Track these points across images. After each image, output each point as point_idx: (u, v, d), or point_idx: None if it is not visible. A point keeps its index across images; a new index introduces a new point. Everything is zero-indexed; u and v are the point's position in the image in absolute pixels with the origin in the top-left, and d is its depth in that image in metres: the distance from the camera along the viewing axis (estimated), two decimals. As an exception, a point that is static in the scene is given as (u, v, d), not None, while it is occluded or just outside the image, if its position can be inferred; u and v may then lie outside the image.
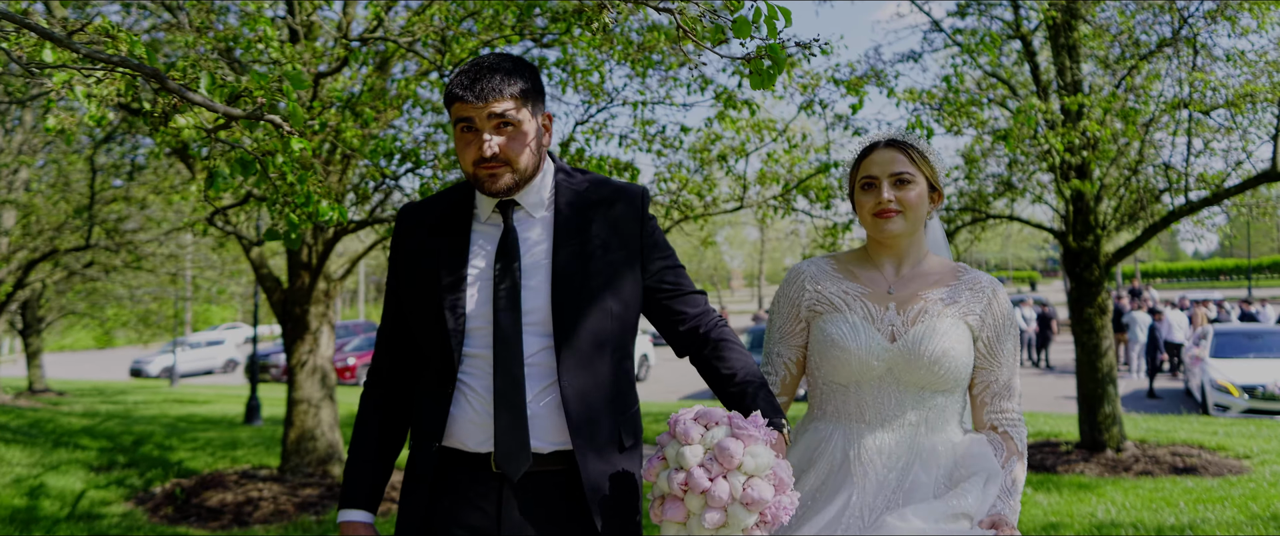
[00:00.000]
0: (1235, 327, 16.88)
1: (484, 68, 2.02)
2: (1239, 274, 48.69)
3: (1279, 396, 13.74)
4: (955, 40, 9.94)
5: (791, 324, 2.31)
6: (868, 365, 2.17)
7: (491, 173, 2.01)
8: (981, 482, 2.10)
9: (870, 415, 2.19)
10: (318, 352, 7.58)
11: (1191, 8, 9.07)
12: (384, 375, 2.19)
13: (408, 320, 2.14)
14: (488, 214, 2.12)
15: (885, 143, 2.27)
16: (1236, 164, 9.18)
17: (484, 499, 2.03)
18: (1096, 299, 9.12)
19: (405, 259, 2.15)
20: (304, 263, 7.42)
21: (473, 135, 2.02)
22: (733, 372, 2.10)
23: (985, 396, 2.25)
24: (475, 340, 2.04)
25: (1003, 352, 2.24)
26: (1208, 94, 8.62)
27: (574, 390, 2.02)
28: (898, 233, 2.23)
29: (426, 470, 2.04)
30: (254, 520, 6.36)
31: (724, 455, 1.82)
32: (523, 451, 1.99)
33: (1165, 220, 8.87)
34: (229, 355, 35.81)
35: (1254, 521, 6.14)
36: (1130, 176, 9.27)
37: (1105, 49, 9.32)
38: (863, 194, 2.26)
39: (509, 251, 2.06)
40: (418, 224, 2.17)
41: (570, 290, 2.04)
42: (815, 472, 2.18)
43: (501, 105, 1.99)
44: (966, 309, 2.22)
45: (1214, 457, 8.75)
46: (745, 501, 1.80)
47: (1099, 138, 8.08)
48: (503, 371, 2.00)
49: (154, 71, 2.08)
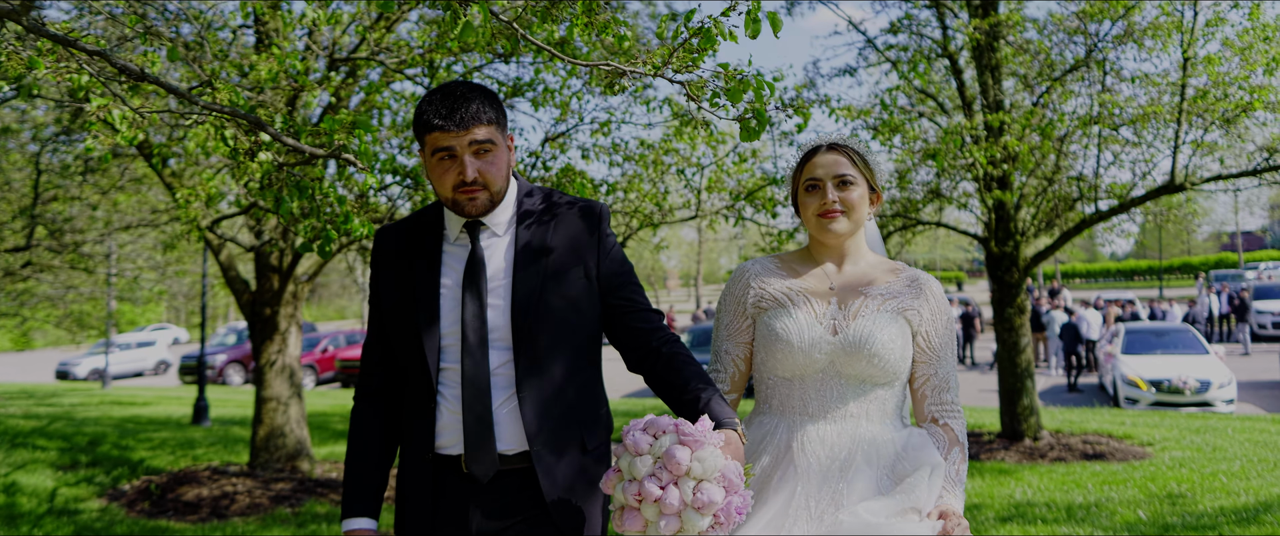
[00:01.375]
0: (1144, 326, 17.99)
1: (458, 96, 2.12)
2: (1152, 274, 51.05)
3: (1183, 390, 14.79)
4: (887, 57, 10.64)
5: (738, 320, 2.38)
6: (810, 359, 2.25)
7: (471, 196, 2.13)
8: (927, 475, 2.16)
9: (813, 407, 2.26)
10: (286, 352, 7.86)
11: (1101, 31, 9.88)
12: (374, 387, 2.30)
13: (389, 337, 2.26)
14: (456, 234, 2.24)
15: (827, 146, 2.35)
16: (1142, 175, 10.00)
17: (457, 497, 2.18)
18: (1016, 299, 9.85)
19: (384, 281, 2.27)
20: (273, 266, 7.70)
21: (451, 162, 2.12)
22: (685, 383, 2.19)
23: (925, 389, 2.33)
24: (449, 355, 2.18)
25: (941, 347, 2.33)
26: (1116, 112, 9.41)
27: (531, 398, 2.16)
28: (841, 232, 2.32)
29: (423, 481, 2.19)
30: (231, 513, 6.64)
31: (672, 462, 1.88)
32: (489, 455, 2.14)
33: (1078, 227, 9.64)
34: (160, 356, 35.04)
35: (1151, 500, 6.86)
36: (1047, 186, 10.02)
37: (1027, 67, 10.07)
38: (807, 195, 2.34)
39: (475, 272, 2.18)
40: (393, 246, 2.28)
41: (528, 307, 2.17)
42: (761, 465, 2.23)
43: (481, 132, 2.11)
44: (906, 304, 2.30)
45: (1121, 445, 9.55)
46: (696, 506, 1.87)
47: (1019, 152, 8.77)
48: (469, 383, 2.14)
49: (256, 119, 2.45)
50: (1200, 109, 9.01)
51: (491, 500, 2.16)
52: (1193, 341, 16.50)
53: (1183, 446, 9.41)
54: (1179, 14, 9.29)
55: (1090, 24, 9.84)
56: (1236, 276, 36.74)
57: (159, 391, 24.49)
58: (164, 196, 14.08)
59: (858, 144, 2.36)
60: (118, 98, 2.77)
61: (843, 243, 2.35)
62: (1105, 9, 9.57)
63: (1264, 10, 9.06)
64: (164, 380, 31.10)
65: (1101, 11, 9.62)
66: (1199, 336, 16.92)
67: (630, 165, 6.92)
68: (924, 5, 10.44)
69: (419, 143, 2.17)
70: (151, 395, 22.37)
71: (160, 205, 14.07)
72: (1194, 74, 9.10)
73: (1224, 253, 53.84)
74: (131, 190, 12.93)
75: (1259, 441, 9.68)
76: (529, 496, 2.16)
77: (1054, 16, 10.24)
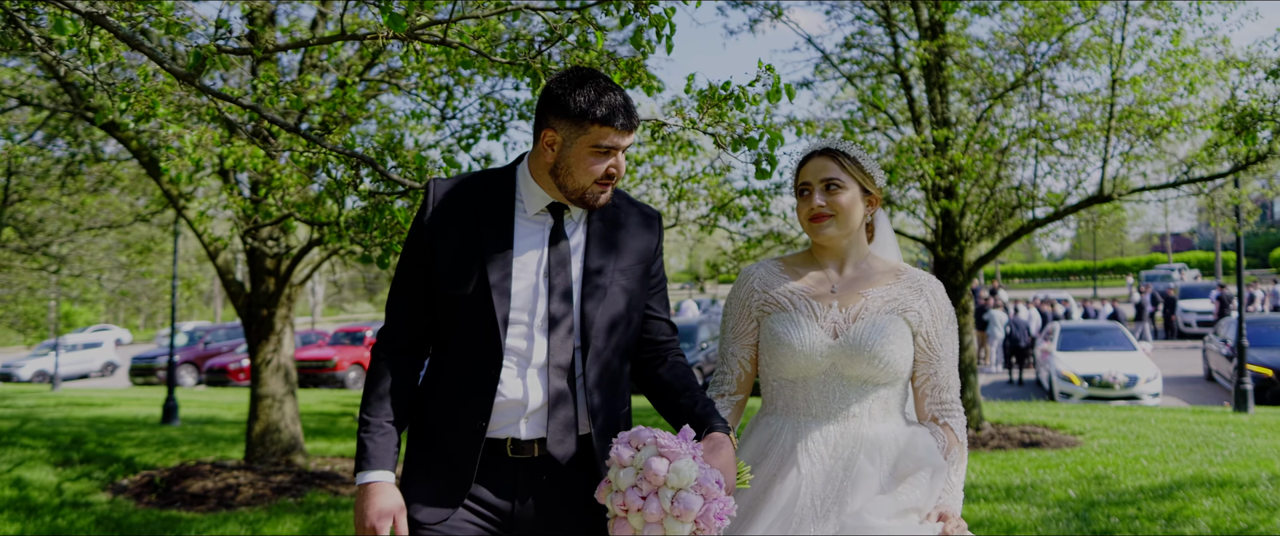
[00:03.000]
0: (1078, 324, 19.06)
1: (626, 98, 2.17)
2: (1087, 275, 53.02)
3: (1112, 384, 15.80)
4: (842, 71, 11.37)
5: (744, 323, 2.40)
6: (812, 361, 2.28)
7: (607, 190, 2.17)
8: (928, 476, 2.21)
9: (817, 409, 2.28)
10: (281, 351, 8.26)
11: (1039, 51, 10.69)
12: (400, 345, 2.22)
13: (437, 298, 2.18)
14: (536, 210, 2.21)
15: (820, 151, 2.39)
16: (1076, 185, 10.85)
17: (500, 480, 2.16)
18: (961, 300, 10.61)
19: (443, 238, 2.18)
20: (270, 269, 8.10)
21: (606, 156, 2.14)
22: (682, 388, 2.25)
23: (926, 388, 2.36)
24: (515, 330, 2.14)
25: (942, 347, 2.35)
26: (1052, 128, 10.22)
27: (594, 385, 2.19)
28: (832, 236, 2.34)
29: (468, 452, 2.13)
30: (237, 504, 7.05)
31: (650, 474, 1.95)
32: (571, 435, 2.15)
33: (1017, 233, 10.44)
34: (107, 358, 34.16)
35: (1080, 481, 7.62)
36: (989, 195, 10.81)
37: (971, 82, 10.84)
38: (800, 200, 2.39)
39: (561, 251, 2.19)
40: (453, 203, 2.22)
41: (598, 295, 2.19)
42: (767, 465, 2.26)
43: (634, 137, 2.20)
44: (906, 306, 2.33)
45: (1055, 434, 10.37)
46: (675, 514, 1.94)
47: (964, 165, 9.52)
48: (555, 364, 2.13)
49: (369, 160, 2.94)
50: (1127, 126, 9.84)
51: (543, 484, 2.17)
52: (1122, 339, 17.55)
53: (1110, 435, 10.25)
54: (1109, 37, 10.12)
55: (1029, 44, 10.65)
56: (1165, 276, 38.54)
57: (114, 393, 24.31)
58: (128, 198, 14.29)
59: (851, 148, 2.38)
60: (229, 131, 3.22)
61: (839, 245, 2.38)
62: (1043, 30, 10.37)
63: (1186, 35, 9.95)
64: (112, 382, 30.56)
65: (1040, 33, 10.41)
66: (1128, 334, 18.00)
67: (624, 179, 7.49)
68: (876, 23, 11.18)
69: (567, 126, 2.12)
70: (107, 396, 22.24)
71: (124, 206, 14.28)
72: (1122, 93, 9.94)
73: (1155, 253, 56.18)
74: (100, 192, 13.14)
75: (1178, 430, 10.58)
76: (581, 484, 2.19)
77: (996, 34, 11.05)
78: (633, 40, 2.75)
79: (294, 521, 6.46)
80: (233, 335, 32.23)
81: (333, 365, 24.44)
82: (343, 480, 7.85)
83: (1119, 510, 6.54)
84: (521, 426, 2.14)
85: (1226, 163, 9.17)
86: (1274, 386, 15.72)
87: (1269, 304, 27.22)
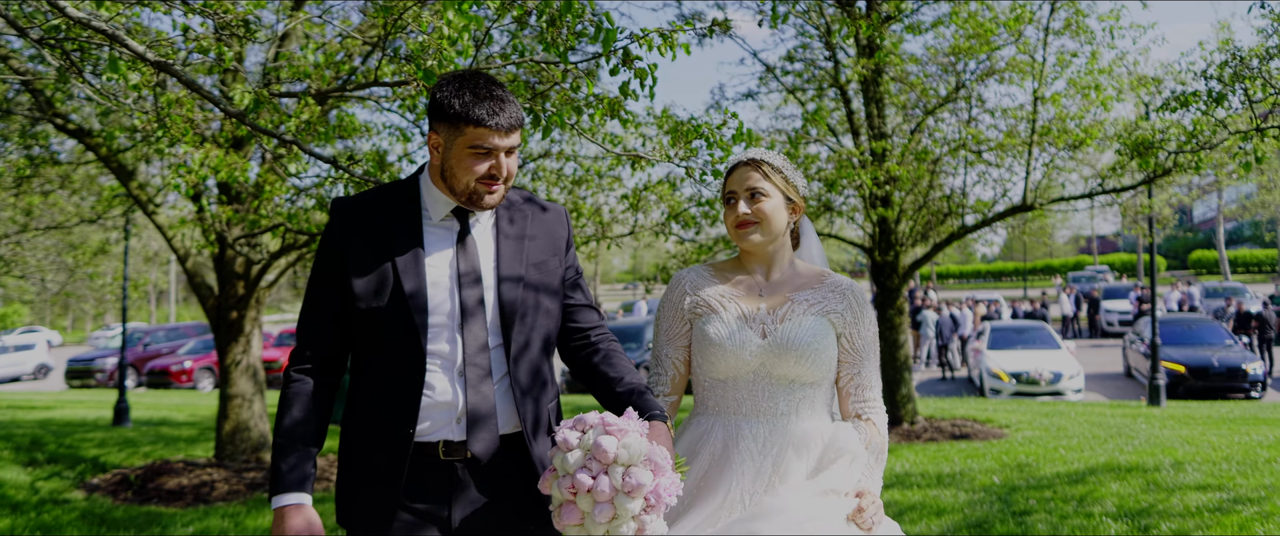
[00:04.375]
0: (1006, 324, 20.04)
1: (502, 98, 2.16)
2: (1017, 276, 54.91)
3: (1038, 381, 16.73)
4: (785, 85, 11.99)
5: (677, 325, 2.49)
6: (741, 360, 2.36)
7: (492, 190, 2.17)
8: (848, 462, 2.31)
9: (746, 407, 2.35)
10: (250, 352, 8.53)
11: (969, 68, 11.42)
12: (316, 365, 2.22)
13: (352, 313, 2.19)
14: (441, 216, 2.24)
15: (744, 161, 2.47)
16: (1002, 193, 11.61)
17: (435, 484, 2.17)
18: (896, 302, 11.28)
19: (353, 253, 2.19)
20: (239, 273, 8.37)
21: (485, 156, 2.15)
22: (619, 376, 2.28)
23: (850, 388, 2.45)
24: (436, 335, 2.16)
25: (864, 349, 2.45)
26: (980, 142, 10.95)
27: (521, 381, 2.22)
28: (757, 242, 2.43)
29: (398, 461, 2.14)
30: (214, 499, 7.32)
31: (599, 452, 1.95)
32: (492, 434, 2.18)
33: (949, 238, 11.15)
34: (40, 360, 33.15)
35: (1004, 468, 8.29)
36: (923, 203, 11.50)
37: (905, 93, 11.52)
38: (727, 207, 2.47)
39: (469, 253, 2.22)
40: (359, 219, 2.23)
41: (516, 293, 2.23)
42: (699, 462, 2.32)
43: (517, 135, 2.18)
44: (830, 308, 2.42)
45: (984, 427, 11.09)
46: (627, 490, 1.94)
47: (899, 175, 10.17)
48: (472, 364, 2.16)
49: (370, 175, 3.34)
50: (1048, 139, 10.60)
51: (479, 484, 2.19)
52: (1048, 338, 18.53)
53: (1034, 427, 11.01)
54: (1032, 56, 10.87)
55: (959, 61, 11.37)
56: (1090, 278, 40.26)
57: (52, 396, 23.90)
58: (74, 200, 14.29)
59: (774, 158, 2.46)
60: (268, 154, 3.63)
61: (764, 251, 2.47)
62: (972, 48, 11.08)
63: (1101, 57, 10.75)
64: (45, 385, 29.76)
65: (969, 50, 11.12)
66: (1053, 333, 19.00)
67: (580, 189, 7.95)
68: (817, 39, 11.81)
69: (446, 128, 2.15)
70: (47, 400, 21.90)
71: (70, 208, 14.28)
72: (1044, 108, 10.70)
73: (1082, 255, 58.45)
74: (49, 193, 13.17)
75: (1096, 422, 11.39)
76: (518, 480, 2.22)
77: (929, 50, 11.77)
78: (621, 90, 3.21)
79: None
80: (173, 336, 31.68)
81: (278, 366, 24.37)
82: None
83: (1037, 493, 7.19)
84: (454, 428, 2.17)
85: (1136, 176, 9.95)
86: (1186, 382, 16.82)
87: (1187, 305, 28.69)
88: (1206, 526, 5.91)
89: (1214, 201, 45.62)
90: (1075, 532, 5.96)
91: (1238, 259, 48.55)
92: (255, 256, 7.35)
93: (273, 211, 4.86)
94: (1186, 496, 6.78)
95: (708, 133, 3.30)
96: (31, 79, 7.06)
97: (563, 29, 2.98)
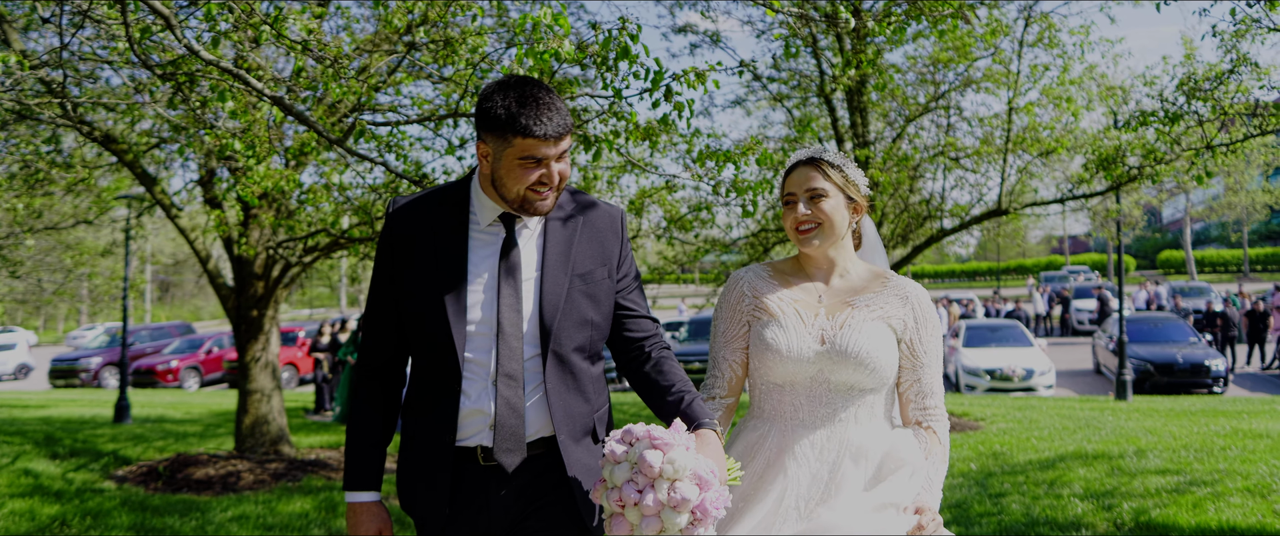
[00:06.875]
0: (981, 323, 20.74)
1: (552, 106, 2.12)
2: (991, 275, 55.92)
3: (1012, 377, 17.40)
4: (771, 91, 12.54)
5: (734, 328, 2.42)
6: (800, 367, 2.29)
7: (544, 197, 2.15)
8: (907, 475, 2.23)
9: (804, 413, 2.29)
10: (269, 350, 8.95)
11: (947, 78, 12.02)
12: (375, 366, 2.29)
13: (402, 317, 2.24)
14: (488, 222, 2.24)
15: (804, 160, 2.39)
16: (978, 198, 12.22)
17: (477, 488, 2.21)
18: (878, 302, 11.85)
19: (401, 259, 2.23)
20: (258, 274, 8.79)
21: (536, 165, 2.12)
22: (670, 384, 2.26)
23: (910, 394, 2.37)
24: (476, 344, 2.18)
25: (925, 354, 2.36)
26: (958, 149, 11.54)
27: (557, 392, 2.21)
28: (817, 246, 2.36)
29: (442, 469, 2.19)
30: (242, 488, 7.73)
31: (645, 466, 1.96)
32: (519, 444, 2.18)
33: (928, 241, 11.74)
34: (21, 360, 32.93)
35: (981, 457, 8.87)
36: (904, 207, 12.08)
37: (886, 101, 12.09)
38: (785, 209, 2.40)
39: (512, 262, 2.20)
40: (411, 224, 2.25)
41: (558, 302, 2.20)
42: (753, 467, 2.27)
43: (567, 141, 2.15)
44: (891, 313, 2.34)
45: (961, 421, 11.69)
46: (672, 505, 1.95)
47: (881, 181, 10.73)
48: (505, 375, 2.16)
49: (415, 179, 3.79)
50: (1022, 146, 11.20)
51: (516, 487, 2.21)
52: (1021, 336, 19.22)
53: (1008, 420, 11.63)
54: (1007, 66, 11.48)
55: (938, 71, 11.96)
56: (1062, 278, 41.25)
57: (42, 395, 23.99)
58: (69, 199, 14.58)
59: (833, 155, 2.38)
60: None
61: (824, 253, 2.40)
62: (951, 59, 11.67)
63: (1072, 69, 11.38)
64: (28, 385, 29.63)
65: (948, 61, 11.71)
66: (1026, 332, 19.71)
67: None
68: (804, 47, 12.36)
69: (494, 138, 2.13)
70: (38, 399, 22.04)
71: (67, 210, 14.58)
72: (1018, 117, 11.30)
73: (1053, 255, 59.61)
74: (52, 195, 13.47)
75: (1065, 415, 12.03)
76: (551, 481, 2.23)
77: (909, 59, 12.36)
78: (661, 122, 3.70)
79: (303, 501, 7.21)
80: (157, 336, 31.72)
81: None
82: (332, 467, 8.59)
83: (1011, 478, 7.77)
84: (487, 435, 2.19)
85: (1104, 182, 10.57)
86: (1152, 378, 17.56)
87: (1155, 304, 29.58)
88: (1163, 505, 6.49)
89: (1182, 203, 46.82)
90: (1046, 511, 6.53)
91: (1205, 259, 49.76)
92: (291, 257, 7.78)
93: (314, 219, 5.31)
94: (1147, 479, 7.38)
95: (735, 157, 3.80)
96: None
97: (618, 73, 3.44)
